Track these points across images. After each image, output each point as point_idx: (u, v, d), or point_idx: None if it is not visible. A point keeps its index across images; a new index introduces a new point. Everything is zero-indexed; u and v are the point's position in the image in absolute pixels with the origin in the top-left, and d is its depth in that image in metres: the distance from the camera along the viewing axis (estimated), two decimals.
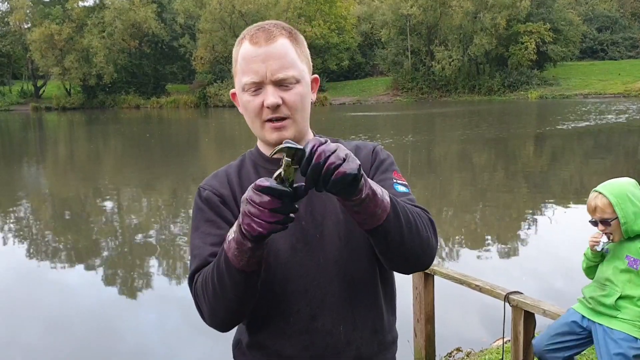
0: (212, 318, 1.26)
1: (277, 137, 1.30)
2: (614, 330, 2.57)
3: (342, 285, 1.32)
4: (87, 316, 5.69)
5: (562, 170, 13.87)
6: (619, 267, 2.58)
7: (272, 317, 1.32)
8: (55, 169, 17.75)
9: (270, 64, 1.27)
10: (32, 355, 4.92)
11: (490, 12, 47.85)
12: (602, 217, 2.55)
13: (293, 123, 1.32)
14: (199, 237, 1.32)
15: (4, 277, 7.01)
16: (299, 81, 1.30)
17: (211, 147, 22.27)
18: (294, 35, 1.33)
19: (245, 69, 1.30)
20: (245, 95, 1.31)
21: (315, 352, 1.31)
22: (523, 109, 36.22)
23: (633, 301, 2.54)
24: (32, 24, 59.44)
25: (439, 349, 3.88)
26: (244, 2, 52.09)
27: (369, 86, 54.75)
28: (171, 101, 55.66)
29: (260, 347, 1.35)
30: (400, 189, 1.35)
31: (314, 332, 1.31)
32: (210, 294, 1.22)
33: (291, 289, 1.30)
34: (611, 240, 2.59)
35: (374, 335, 1.36)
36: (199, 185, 1.40)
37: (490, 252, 7.49)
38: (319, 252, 1.31)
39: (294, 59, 1.30)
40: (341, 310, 1.31)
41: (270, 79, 1.27)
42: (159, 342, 5.05)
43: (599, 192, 2.59)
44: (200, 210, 1.35)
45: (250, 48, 1.29)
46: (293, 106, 1.30)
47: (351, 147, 1.41)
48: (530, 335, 3.11)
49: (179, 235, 8.78)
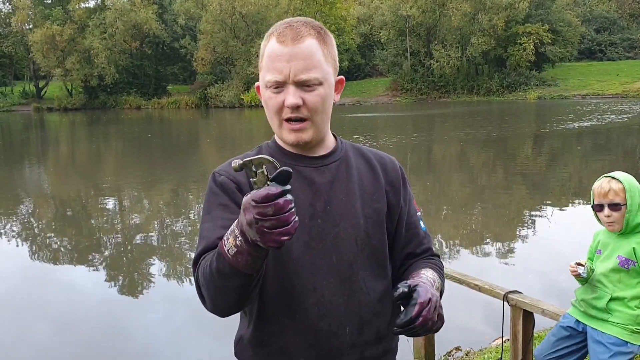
0: (212, 305, 1.23)
1: (295, 138, 1.30)
2: (605, 334, 2.55)
3: (352, 288, 1.31)
4: (93, 316, 5.72)
5: (561, 170, 13.91)
6: (609, 266, 2.56)
7: (277, 313, 1.30)
8: (57, 169, 17.77)
9: (294, 64, 1.25)
10: (40, 354, 4.94)
11: (487, 14, 47.85)
12: (614, 201, 2.50)
13: (312, 125, 1.30)
14: (210, 219, 1.29)
15: (11, 276, 7.05)
16: (322, 83, 1.28)
17: (212, 148, 22.29)
18: (322, 35, 1.31)
19: (270, 66, 1.28)
20: (267, 92, 1.30)
21: (319, 352, 1.30)
22: (522, 109, 36.17)
23: (624, 302, 2.52)
24: (33, 25, 59.42)
25: (438, 348, 3.87)
26: (245, 3, 52.02)
27: (369, 87, 54.70)
28: (172, 102, 55.62)
29: (263, 343, 1.33)
30: (423, 226, 1.47)
31: (319, 331, 1.29)
32: (210, 286, 1.19)
33: (300, 286, 1.28)
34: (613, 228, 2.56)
35: (379, 341, 1.36)
36: (213, 171, 1.38)
37: (489, 251, 7.53)
38: (332, 252, 1.30)
39: (320, 60, 1.28)
40: (349, 313, 1.31)
41: (292, 79, 1.26)
42: (165, 341, 5.07)
43: (612, 177, 2.56)
44: (214, 194, 1.32)
45: (276, 46, 1.27)
46: (313, 108, 1.28)
47: (375, 157, 1.44)
48: (529, 335, 3.11)
49: (184, 234, 8.83)
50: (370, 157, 1.43)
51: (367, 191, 1.38)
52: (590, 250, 2.77)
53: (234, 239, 1.10)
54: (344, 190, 1.35)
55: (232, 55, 54.39)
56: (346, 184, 1.36)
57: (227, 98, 52.46)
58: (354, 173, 1.37)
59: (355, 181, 1.37)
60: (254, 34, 53.31)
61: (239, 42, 53.91)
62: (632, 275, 2.53)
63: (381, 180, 1.40)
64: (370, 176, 1.39)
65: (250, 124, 35.19)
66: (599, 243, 2.70)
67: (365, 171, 1.40)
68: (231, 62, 55.04)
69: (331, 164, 1.37)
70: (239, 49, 53.47)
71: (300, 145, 1.33)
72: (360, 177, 1.38)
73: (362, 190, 1.37)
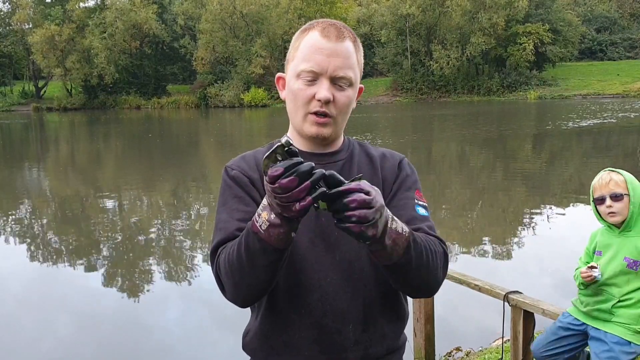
0: (235, 294, 1.26)
1: (316, 131, 1.33)
2: (608, 334, 2.53)
3: (355, 286, 1.32)
4: (110, 314, 5.78)
5: (561, 170, 13.90)
6: (617, 269, 2.53)
7: (284, 308, 1.32)
8: (56, 169, 17.76)
9: (334, 60, 1.28)
10: (59, 354, 4.99)
11: (487, 12, 47.87)
12: (615, 191, 2.49)
13: (334, 123, 1.34)
14: (226, 211, 1.32)
15: (19, 277, 7.09)
16: (352, 85, 1.33)
17: (212, 148, 22.28)
18: (357, 42, 1.36)
19: (309, 57, 1.30)
20: (299, 82, 1.31)
21: (323, 347, 1.32)
22: (522, 109, 36.20)
23: (630, 303, 2.50)
24: (33, 25, 59.47)
25: (438, 348, 3.88)
26: (246, 2, 52.05)
27: (369, 87, 54.68)
28: (172, 102, 55.69)
29: (268, 336, 1.35)
30: (421, 211, 1.38)
31: (323, 327, 1.31)
32: (236, 272, 1.21)
33: (305, 282, 1.31)
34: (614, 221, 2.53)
35: (383, 338, 1.37)
36: (225, 165, 1.40)
37: (489, 251, 7.53)
38: (335, 250, 1.32)
39: (355, 62, 1.33)
40: (352, 310, 1.32)
41: (330, 74, 1.29)
42: (184, 339, 5.09)
43: (611, 170, 2.57)
44: (228, 187, 1.36)
45: (319, 39, 1.30)
46: (340, 107, 1.32)
47: (378, 154, 1.44)
48: (529, 335, 3.11)
49: (202, 233, 8.80)
50: (373, 154, 1.45)
51: None
52: (587, 252, 2.73)
53: (267, 214, 1.13)
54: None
55: (232, 55, 54.42)
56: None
57: (227, 98, 52.49)
58: (355, 171, 1.39)
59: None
60: (254, 34, 53.35)
61: (238, 41, 53.93)
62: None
63: (379, 176, 1.41)
64: (369, 173, 1.40)
65: (250, 124, 35.22)
66: (598, 244, 2.66)
67: (365, 168, 1.41)
68: (231, 61, 55.06)
69: (338, 161, 1.40)
70: (239, 49, 53.49)
71: (319, 139, 1.35)
72: (359, 173, 1.38)
73: None
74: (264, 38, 52.45)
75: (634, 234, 2.53)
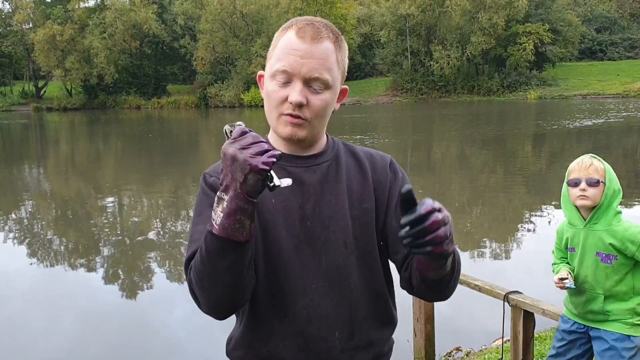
0: (207, 305, 1.21)
1: (290, 132, 1.27)
2: (607, 332, 2.51)
3: (342, 292, 1.29)
4: (116, 314, 5.80)
5: (562, 170, 13.89)
6: (592, 265, 2.51)
7: (267, 316, 1.28)
8: (56, 169, 17.77)
9: (308, 62, 1.23)
10: (64, 353, 5.00)
11: (487, 12, 47.89)
12: (593, 176, 2.50)
13: (309, 125, 1.28)
14: (202, 221, 1.25)
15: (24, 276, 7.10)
16: (328, 87, 1.27)
17: (212, 148, 22.29)
18: (339, 41, 1.30)
19: (282, 57, 1.25)
20: (273, 83, 1.27)
21: (308, 356, 1.28)
22: (522, 109, 36.21)
23: (618, 297, 2.48)
24: (33, 25, 59.49)
25: (438, 348, 3.88)
26: (245, 2, 52.07)
27: (369, 87, 54.75)
28: (172, 102, 55.71)
29: (252, 345, 1.31)
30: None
31: (308, 336, 1.27)
32: (204, 280, 1.16)
33: (289, 289, 1.26)
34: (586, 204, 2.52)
35: (370, 346, 1.33)
36: (204, 172, 1.35)
37: (489, 251, 7.53)
38: (321, 256, 1.28)
39: (332, 64, 1.27)
40: (338, 318, 1.28)
41: (303, 75, 1.24)
42: (188, 339, 5.10)
43: (594, 157, 2.59)
44: (205, 196, 1.30)
45: (294, 40, 1.25)
46: (315, 111, 1.26)
47: (366, 155, 1.39)
48: (529, 335, 3.10)
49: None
50: (360, 156, 1.39)
51: (355, 191, 1.34)
52: (559, 248, 2.70)
53: (219, 204, 1.11)
54: (333, 192, 1.32)
55: (232, 55, 54.43)
56: (335, 184, 1.33)
57: (227, 98, 52.50)
58: (342, 173, 1.34)
59: (344, 181, 1.34)
60: (254, 34, 53.36)
61: (238, 41, 53.94)
62: (617, 268, 2.47)
63: (369, 179, 1.36)
64: (359, 176, 1.36)
65: (250, 124, 34.95)
66: (568, 240, 2.63)
67: (354, 171, 1.36)
68: (231, 61, 55.07)
69: (322, 163, 1.34)
70: (239, 49, 53.51)
71: (293, 140, 1.30)
72: (348, 177, 1.35)
73: (350, 191, 1.33)
74: (264, 38, 52.43)
75: (600, 227, 2.50)
